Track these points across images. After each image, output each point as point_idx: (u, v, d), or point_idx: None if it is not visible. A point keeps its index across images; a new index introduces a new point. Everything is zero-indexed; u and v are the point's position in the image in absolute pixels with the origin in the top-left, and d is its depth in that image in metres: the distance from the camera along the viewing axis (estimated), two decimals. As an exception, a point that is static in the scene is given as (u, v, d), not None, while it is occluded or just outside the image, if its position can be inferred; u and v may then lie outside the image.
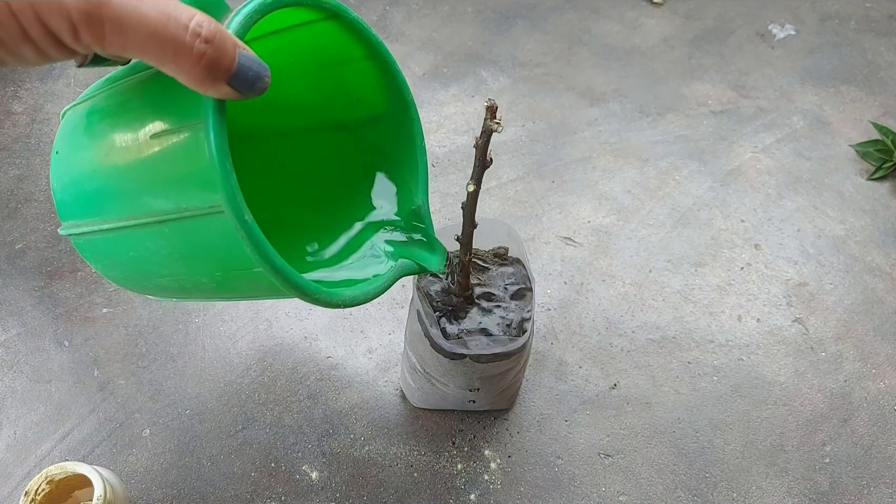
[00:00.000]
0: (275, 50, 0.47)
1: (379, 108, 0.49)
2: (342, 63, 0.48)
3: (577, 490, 0.64)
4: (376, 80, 0.48)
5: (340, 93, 0.50)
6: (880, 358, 0.73)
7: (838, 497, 0.65)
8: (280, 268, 0.36)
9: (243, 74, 0.31)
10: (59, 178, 0.41)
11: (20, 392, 0.67)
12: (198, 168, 0.33)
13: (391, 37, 0.95)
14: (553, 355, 0.71)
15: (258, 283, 0.38)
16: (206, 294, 0.44)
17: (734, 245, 0.79)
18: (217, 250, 0.37)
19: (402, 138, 0.49)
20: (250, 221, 0.34)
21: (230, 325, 0.72)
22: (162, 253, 0.39)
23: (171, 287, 0.44)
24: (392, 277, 0.45)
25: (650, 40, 0.98)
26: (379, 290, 0.44)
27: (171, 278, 0.42)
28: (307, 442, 0.66)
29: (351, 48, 0.47)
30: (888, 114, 0.91)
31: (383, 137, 0.50)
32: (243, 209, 0.33)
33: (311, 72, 0.49)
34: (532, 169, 0.84)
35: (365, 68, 0.48)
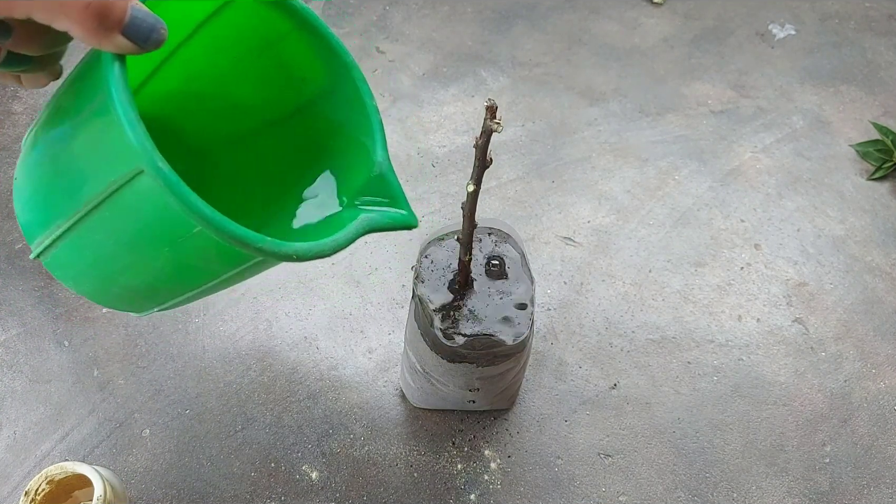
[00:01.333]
0: (212, 52, 0.48)
1: (325, 81, 0.49)
2: (276, 42, 0.48)
3: (577, 490, 0.64)
4: (313, 51, 0.48)
5: (286, 77, 0.50)
6: (880, 358, 0.73)
7: (838, 497, 0.65)
8: (210, 216, 0.35)
9: (137, 24, 0.31)
10: (20, 201, 0.42)
11: (20, 392, 0.67)
12: (109, 133, 0.34)
13: (391, 37, 0.95)
14: (553, 355, 0.71)
15: (206, 250, 0.39)
16: (173, 285, 0.45)
17: (734, 245, 0.79)
18: (152, 219, 0.37)
19: (352, 103, 0.49)
20: (167, 169, 0.34)
21: (230, 325, 0.72)
22: (110, 243, 0.40)
23: (139, 286, 0.44)
24: (355, 230, 0.45)
25: (650, 40, 0.98)
26: (338, 243, 0.43)
27: (132, 273, 0.43)
28: (307, 442, 0.66)
29: (277, 22, 0.47)
30: (888, 114, 0.91)
31: (335, 109, 0.50)
32: (156, 157, 0.33)
33: (253, 61, 0.50)
34: (532, 169, 0.84)
35: (298, 42, 0.48)
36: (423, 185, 0.82)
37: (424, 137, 0.86)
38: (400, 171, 0.83)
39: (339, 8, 0.98)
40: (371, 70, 0.92)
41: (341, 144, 0.51)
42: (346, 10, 0.98)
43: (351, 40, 0.94)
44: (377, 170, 0.48)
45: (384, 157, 0.48)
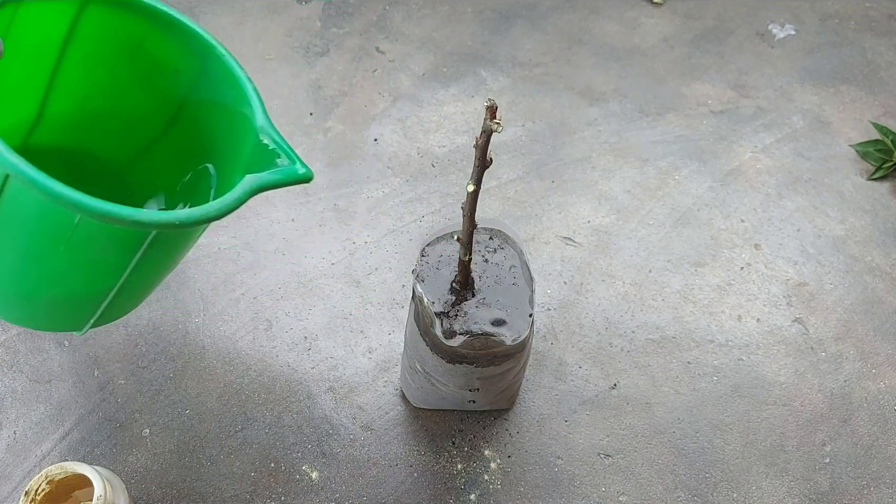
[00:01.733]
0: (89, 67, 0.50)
1: (195, 65, 0.51)
2: (141, 43, 0.50)
3: (577, 490, 0.64)
4: (176, 41, 0.50)
5: (162, 73, 0.52)
6: (880, 358, 0.73)
7: (838, 497, 0.65)
8: (74, 197, 0.36)
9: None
10: None
11: (20, 392, 0.67)
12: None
13: (391, 37, 0.95)
14: (553, 355, 0.71)
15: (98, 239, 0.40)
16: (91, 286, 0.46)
17: (734, 245, 0.79)
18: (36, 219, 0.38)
19: (224, 79, 0.51)
20: (23, 165, 0.35)
21: (230, 325, 0.72)
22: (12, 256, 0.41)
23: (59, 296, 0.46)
24: (242, 191, 0.46)
25: (650, 40, 0.98)
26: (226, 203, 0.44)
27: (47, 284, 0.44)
28: (307, 442, 0.66)
29: (133, 24, 0.49)
30: (888, 114, 0.91)
31: (212, 89, 0.52)
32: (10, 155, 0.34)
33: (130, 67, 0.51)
34: (532, 169, 0.84)
35: (160, 36, 0.49)
36: (423, 185, 0.82)
37: (424, 137, 0.86)
38: (400, 171, 0.83)
39: (339, 8, 0.98)
40: (371, 70, 0.92)
41: (227, 122, 0.52)
42: (346, 10, 0.98)
43: (351, 40, 0.94)
44: (261, 134, 0.50)
45: (264, 120, 0.50)
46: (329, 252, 0.77)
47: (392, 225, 0.79)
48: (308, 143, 0.85)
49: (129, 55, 0.51)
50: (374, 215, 0.80)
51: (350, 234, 0.78)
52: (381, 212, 0.80)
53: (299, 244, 0.77)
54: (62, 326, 0.53)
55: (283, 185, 0.49)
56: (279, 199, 0.80)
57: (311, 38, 0.94)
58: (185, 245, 0.52)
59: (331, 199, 0.80)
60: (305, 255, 0.76)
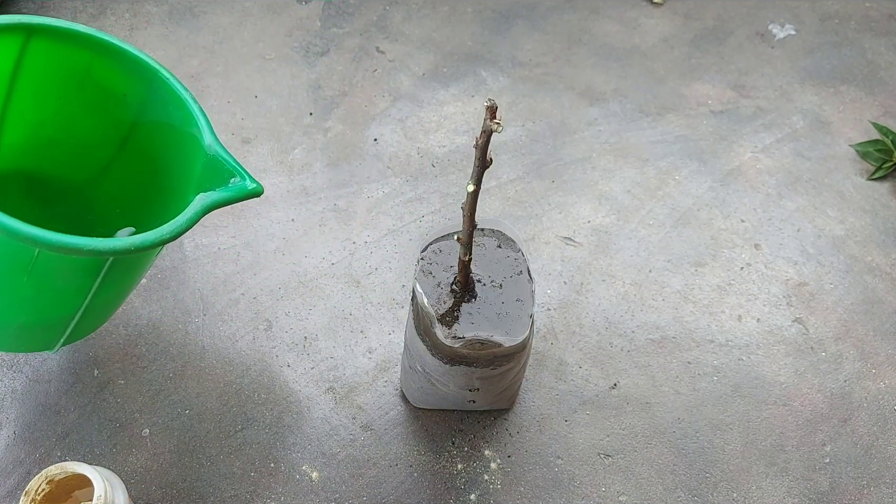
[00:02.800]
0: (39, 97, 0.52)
1: (140, 89, 0.53)
2: (87, 71, 0.51)
3: (577, 490, 0.64)
4: (119, 67, 0.51)
5: (110, 98, 0.54)
6: (880, 358, 0.73)
7: (838, 497, 0.65)
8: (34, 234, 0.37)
9: None
10: None
11: (20, 392, 0.67)
12: None
13: (391, 37, 0.95)
14: (553, 355, 0.71)
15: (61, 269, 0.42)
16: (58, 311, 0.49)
17: (734, 245, 0.79)
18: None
19: (171, 100, 0.52)
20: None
21: (230, 325, 0.72)
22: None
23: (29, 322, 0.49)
24: (194, 211, 0.47)
25: (650, 40, 0.98)
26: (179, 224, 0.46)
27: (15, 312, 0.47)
28: (307, 442, 0.66)
29: (77, 54, 0.50)
30: (888, 114, 0.91)
31: (160, 111, 0.53)
32: None
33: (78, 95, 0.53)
34: (532, 169, 0.84)
35: (105, 64, 0.51)
36: (423, 185, 0.82)
37: (424, 137, 0.86)
38: (400, 172, 0.83)
39: (339, 8, 0.98)
40: (371, 70, 0.92)
41: (177, 144, 0.54)
42: (346, 10, 0.98)
43: (351, 40, 0.94)
44: (209, 153, 0.51)
45: (212, 140, 0.51)
46: (329, 252, 0.77)
47: (392, 225, 0.79)
48: (308, 143, 0.85)
49: (77, 83, 0.53)
50: (374, 215, 0.80)
51: (350, 234, 0.78)
52: (381, 212, 0.80)
53: (299, 244, 0.77)
54: (34, 347, 0.55)
55: (234, 201, 0.51)
56: (279, 199, 0.80)
57: (311, 38, 0.94)
58: (146, 264, 0.55)
59: (331, 199, 0.80)
60: (305, 255, 0.76)
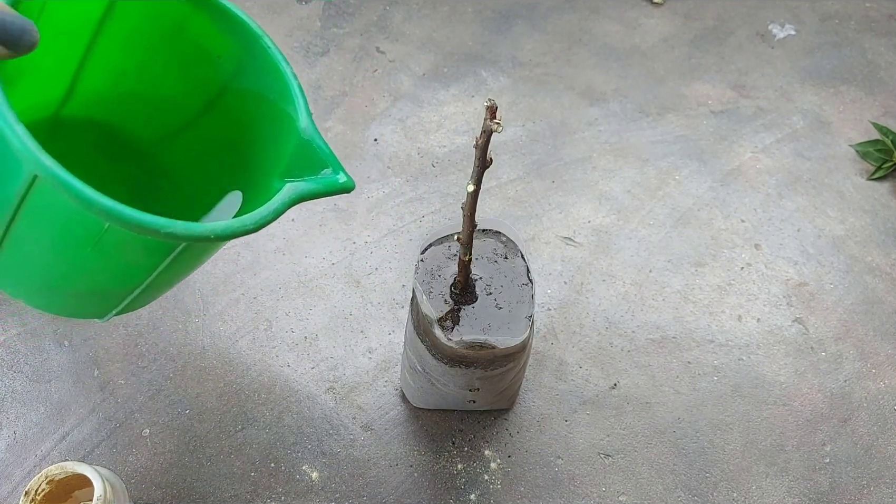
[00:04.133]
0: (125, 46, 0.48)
1: (238, 54, 0.49)
2: (181, 25, 0.48)
3: (577, 490, 0.64)
4: (219, 28, 0.48)
5: (203, 57, 0.50)
6: (880, 358, 0.73)
7: (838, 497, 0.65)
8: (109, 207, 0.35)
9: (6, 28, 0.30)
10: None
11: (20, 392, 0.67)
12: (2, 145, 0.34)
13: (391, 37, 0.95)
14: (553, 355, 0.71)
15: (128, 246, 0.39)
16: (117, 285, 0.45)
17: (734, 245, 0.79)
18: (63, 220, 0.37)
19: (269, 72, 0.48)
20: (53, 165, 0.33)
21: (230, 325, 0.72)
22: (39, 252, 0.40)
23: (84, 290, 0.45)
24: (281, 201, 0.43)
25: (650, 40, 0.98)
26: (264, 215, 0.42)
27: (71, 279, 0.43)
28: (307, 442, 0.66)
29: (175, 6, 0.47)
30: (888, 114, 0.91)
31: (255, 80, 0.49)
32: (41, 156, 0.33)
33: (168, 48, 0.49)
34: (532, 169, 0.84)
35: (203, 21, 0.47)
36: (423, 185, 0.82)
37: (424, 137, 0.86)
38: (400, 172, 0.83)
39: (339, 8, 0.98)
40: (371, 70, 0.92)
41: (268, 118, 0.50)
42: (346, 10, 0.98)
43: (351, 40, 0.94)
44: (303, 136, 0.47)
45: (308, 123, 0.47)
46: (329, 252, 0.77)
47: (392, 225, 0.79)
48: (308, 143, 0.84)
49: (169, 36, 0.49)
50: (374, 215, 0.80)
51: (350, 233, 0.78)
52: (381, 212, 0.80)
53: (299, 244, 0.77)
54: (85, 315, 0.51)
55: (324, 195, 0.46)
56: (279, 199, 0.80)
57: (311, 38, 0.94)
58: (217, 248, 0.51)
59: (331, 199, 0.80)
60: (305, 255, 0.76)
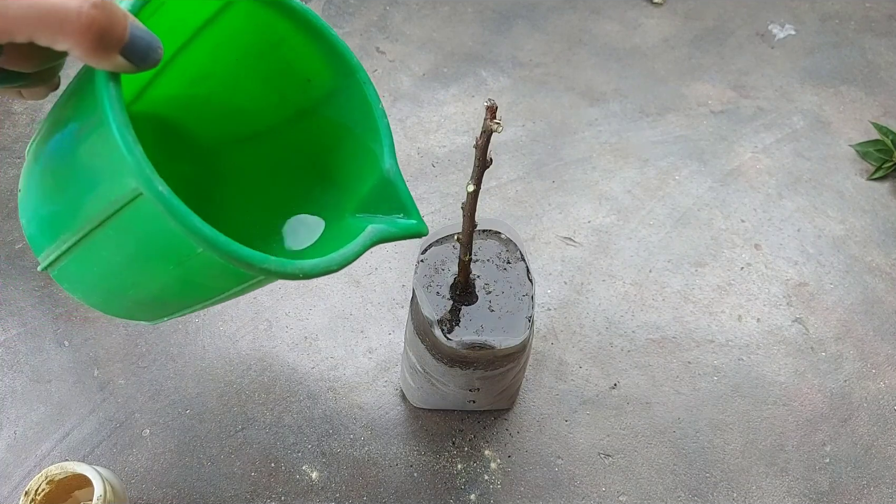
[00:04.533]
0: (213, 53, 0.47)
1: (329, 82, 0.48)
2: (277, 44, 0.47)
3: (577, 490, 0.64)
4: (316, 52, 0.47)
5: (291, 77, 0.49)
6: (880, 358, 0.73)
7: (838, 497, 0.65)
8: (210, 235, 0.35)
9: (136, 44, 0.30)
10: (25, 214, 0.42)
11: (20, 392, 0.67)
12: (108, 154, 0.33)
13: (391, 37, 0.95)
14: (553, 355, 0.71)
15: (211, 269, 0.38)
16: (181, 299, 0.44)
17: (734, 245, 0.80)
18: (156, 239, 0.37)
19: (359, 106, 0.48)
20: (166, 192, 0.33)
21: (230, 325, 0.72)
22: (117, 260, 0.40)
23: (146, 299, 0.44)
24: (362, 244, 0.43)
25: (650, 40, 0.98)
26: (346, 258, 0.42)
27: (139, 288, 0.42)
28: (307, 442, 0.66)
29: (278, 24, 0.46)
30: (888, 114, 0.91)
31: (342, 112, 0.49)
32: (155, 180, 0.33)
33: (255, 64, 0.49)
34: (532, 169, 0.84)
35: (300, 43, 0.47)
36: (423, 185, 0.82)
37: (424, 137, 0.86)
38: (400, 171, 0.83)
39: (339, 8, 0.98)
40: (371, 70, 0.92)
41: (348, 149, 0.50)
42: (346, 10, 0.98)
43: (351, 40, 0.94)
44: (385, 177, 0.47)
45: (392, 164, 0.47)
46: (329, 252, 0.77)
47: (392, 225, 0.79)
48: (308, 143, 0.85)
49: (261, 52, 0.48)
50: (374, 215, 0.80)
51: (350, 234, 0.78)
52: (381, 212, 0.80)
53: (299, 244, 0.77)
54: (137, 318, 0.50)
55: (399, 239, 0.46)
56: (279, 199, 0.80)
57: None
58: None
59: (331, 199, 0.80)
60: (305, 255, 0.76)
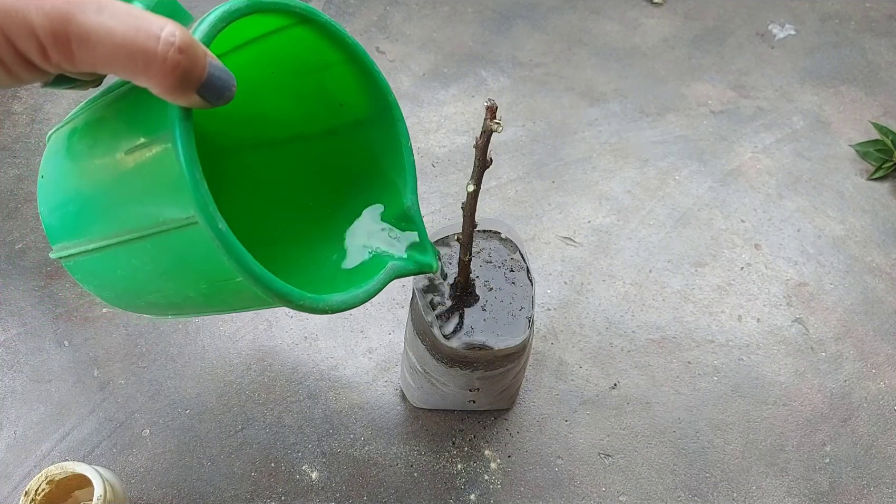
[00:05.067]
0: (251, 62, 0.47)
1: (362, 112, 0.49)
2: (320, 69, 0.48)
3: (577, 490, 0.64)
4: (357, 83, 0.48)
5: (322, 99, 0.50)
6: (880, 358, 0.73)
7: (838, 497, 0.65)
8: (260, 275, 0.36)
9: (213, 83, 0.31)
10: (46, 202, 0.41)
11: (20, 392, 0.67)
12: (169, 180, 0.33)
13: (391, 37, 0.95)
14: (553, 355, 0.71)
15: (243, 293, 0.39)
16: (197, 308, 0.44)
17: (734, 245, 0.80)
18: (197, 262, 0.37)
19: (388, 140, 0.49)
20: (225, 230, 0.34)
21: (230, 325, 0.72)
22: (147, 269, 0.40)
23: (162, 303, 0.44)
24: (383, 280, 0.45)
25: (650, 40, 0.98)
26: (368, 294, 0.43)
27: (160, 294, 0.43)
28: (307, 442, 0.66)
29: (327, 53, 0.46)
30: (888, 114, 0.91)
31: (369, 141, 0.50)
32: (216, 218, 0.33)
33: (290, 80, 0.49)
34: (532, 169, 0.84)
35: (344, 72, 0.47)
36: (423, 185, 0.82)
37: (424, 137, 0.86)
38: (400, 171, 0.83)
39: (339, 8, 0.98)
40: (371, 70, 0.92)
41: (370, 177, 0.51)
42: (347, 10, 0.98)
43: (351, 40, 0.94)
44: (406, 213, 0.48)
45: (413, 201, 0.49)
46: (329, 252, 0.77)
47: (392, 225, 0.79)
48: (308, 143, 0.85)
49: (300, 72, 0.49)
50: (374, 215, 0.80)
51: (350, 234, 0.78)
52: (381, 212, 0.80)
53: (299, 244, 0.77)
54: (144, 313, 0.51)
55: (413, 275, 0.48)
56: (279, 199, 0.80)
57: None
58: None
59: (331, 199, 0.80)
60: (305, 255, 0.76)
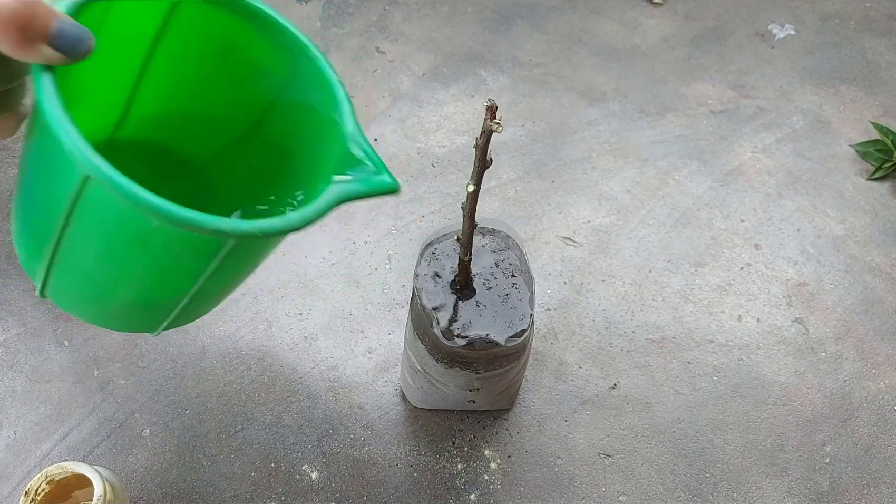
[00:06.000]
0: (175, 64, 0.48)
1: (286, 65, 0.49)
2: (231, 43, 0.48)
3: (577, 490, 0.64)
4: (268, 41, 0.48)
5: (253, 73, 0.50)
6: (880, 358, 0.73)
7: (838, 497, 0.65)
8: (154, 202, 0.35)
9: (64, 35, 0.31)
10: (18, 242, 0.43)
11: (20, 392, 0.67)
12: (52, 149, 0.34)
13: (391, 37, 0.95)
14: (553, 355, 0.71)
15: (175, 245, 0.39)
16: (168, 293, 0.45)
17: (734, 245, 0.79)
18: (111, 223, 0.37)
19: (316, 82, 0.48)
20: (104, 166, 0.33)
21: (230, 325, 0.72)
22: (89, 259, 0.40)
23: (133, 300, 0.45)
24: (326, 201, 0.43)
25: (650, 40, 0.98)
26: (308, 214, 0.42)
27: (119, 286, 0.43)
28: (307, 442, 0.66)
29: (226, 22, 0.47)
30: (888, 114, 0.91)
31: (303, 92, 0.50)
32: (92, 156, 0.33)
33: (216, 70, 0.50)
34: (532, 169, 0.84)
35: (253, 36, 0.47)
36: (423, 185, 0.82)
37: (424, 137, 0.86)
38: (400, 172, 0.83)
39: (339, 8, 0.98)
40: (371, 70, 0.92)
41: (317, 129, 0.50)
42: (346, 10, 0.98)
43: (351, 40, 0.94)
44: (349, 142, 0.47)
45: (354, 128, 0.47)
46: (329, 252, 0.77)
47: (392, 225, 0.79)
48: (308, 143, 0.85)
49: (222, 54, 0.49)
50: (374, 215, 0.80)
51: (350, 234, 0.78)
52: (381, 212, 0.80)
53: (299, 244, 0.77)
54: (136, 328, 0.51)
55: (368, 196, 0.46)
56: (279, 199, 0.80)
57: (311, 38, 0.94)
58: (264, 254, 0.50)
59: (331, 199, 0.80)
60: (305, 255, 0.76)
